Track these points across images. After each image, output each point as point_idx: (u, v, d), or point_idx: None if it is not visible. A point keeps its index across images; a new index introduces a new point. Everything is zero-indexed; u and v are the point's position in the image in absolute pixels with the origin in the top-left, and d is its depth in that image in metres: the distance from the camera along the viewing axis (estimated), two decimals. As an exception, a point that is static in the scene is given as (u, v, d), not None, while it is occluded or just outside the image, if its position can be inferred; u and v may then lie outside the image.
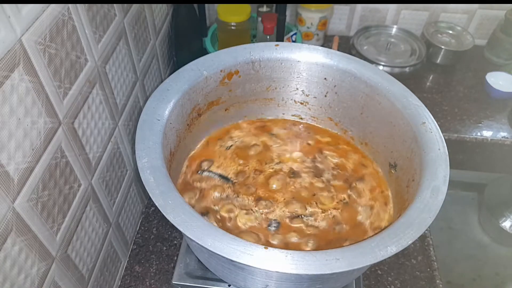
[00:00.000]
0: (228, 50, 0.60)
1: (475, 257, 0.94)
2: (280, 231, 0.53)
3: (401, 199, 0.52)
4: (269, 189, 0.57)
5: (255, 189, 0.57)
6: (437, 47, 1.02)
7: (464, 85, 1.01)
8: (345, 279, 0.52)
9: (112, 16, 0.55)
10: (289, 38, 0.94)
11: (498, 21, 1.03)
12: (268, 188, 0.58)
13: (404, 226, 0.42)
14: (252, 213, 0.54)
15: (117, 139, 0.60)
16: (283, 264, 0.38)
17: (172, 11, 0.83)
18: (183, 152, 0.58)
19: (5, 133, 0.35)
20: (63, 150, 0.45)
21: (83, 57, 0.48)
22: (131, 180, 0.68)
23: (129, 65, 0.63)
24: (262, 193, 0.57)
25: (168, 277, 0.66)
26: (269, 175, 0.59)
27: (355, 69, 0.59)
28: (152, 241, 0.71)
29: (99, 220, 0.56)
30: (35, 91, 0.39)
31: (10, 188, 0.36)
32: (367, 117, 0.61)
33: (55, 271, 0.46)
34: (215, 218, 0.54)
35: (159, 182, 0.43)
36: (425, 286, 0.66)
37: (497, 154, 0.91)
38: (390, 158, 0.58)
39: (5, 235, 0.36)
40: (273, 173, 0.60)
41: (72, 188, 0.48)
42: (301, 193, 0.57)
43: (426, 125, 0.52)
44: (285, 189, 0.58)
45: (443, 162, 0.48)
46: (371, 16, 1.09)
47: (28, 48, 0.37)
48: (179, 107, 0.54)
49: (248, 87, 0.63)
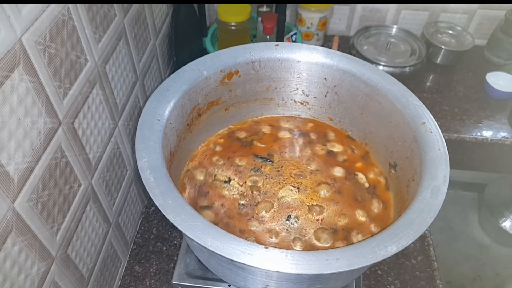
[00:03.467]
0: (228, 50, 0.60)
1: (475, 257, 0.94)
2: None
3: (401, 199, 0.52)
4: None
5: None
6: (437, 47, 1.02)
7: (464, 85, 1.01)
8: (345, 279, 0.52)
9: (112, 16, 0.55)
10: (289, 38, 0.94)
11: (498, 21, 1.03)
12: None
13: (404, 226, 0.42)
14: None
15: (117, 139, 0.60)
16: (283, 264, 0.38)
17: (172, 11, 0.83)
18: (183, 152, 0.58)
19: (5, 133, 0.35)
20: (63, 150, 0.45)
21: (83, 57, 0.48)
22: (131, 180, 0.68)
23: (129, 65, 0.63)
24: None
25: (168, 277, 0.66)
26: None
27: (355, 69, 0.59)
28: (152, 241, 0.71)
29: (99, 220, 0.56)
30: (35, 91, 0.39)
31: (10, 188, 0.36)
32: (367, 117, 0.61)
33: (55, 271, 0.46)
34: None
35: (159, 182, 0.43)
36: (425, 286, 0.66)
37: (497, 154, 0.91)
38: (390, 158, 0.58)
39: (5, 235, 0.36)
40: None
41: (72, 188, 0.48)
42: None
43: (426, 125, 0.52)
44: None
45: (443, 162, 0.48)
46: (371, 16, 1.10)
47: (28, 48, 0.37)
48: (179, 107, 0.54)
49: (248, 87, 0.63)
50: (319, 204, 0.56)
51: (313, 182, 0.58)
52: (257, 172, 0.59)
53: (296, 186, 0.58)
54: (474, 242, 0.97)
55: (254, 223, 0.53)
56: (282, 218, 0.54)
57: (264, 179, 0.58)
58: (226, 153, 0.62)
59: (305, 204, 0.56)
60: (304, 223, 0.54)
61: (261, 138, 0.65)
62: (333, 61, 0.60)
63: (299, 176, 0.59)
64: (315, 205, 0.55)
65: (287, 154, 0.62)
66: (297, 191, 0.57)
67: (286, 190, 0.57)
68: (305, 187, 0.58)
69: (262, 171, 0.60)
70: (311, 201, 0.56)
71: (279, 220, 0.54)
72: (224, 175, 0.59)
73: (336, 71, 0.60)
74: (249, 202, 0.56)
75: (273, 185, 0.58)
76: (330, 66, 0.60)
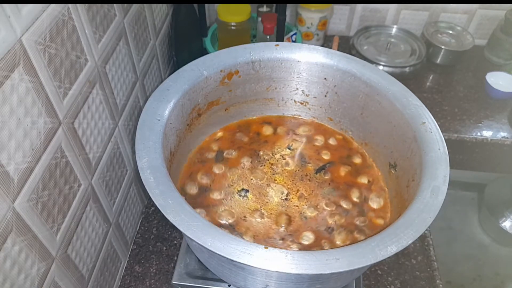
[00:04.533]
0: (228, 50, 0.60)
1: (475, 257, 0.94)
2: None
3: (401, 199, 0.52)
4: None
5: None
6: (437, 47, 1.02)
7: (464, 85, 1.01)
8: (345, 279, 0.52)
9: (112, 16, 0.55)
10: (289, 38, 0.94)
11: (498, 21, 1.03)
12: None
13: (404, 226, 0.42)
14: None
15: (117, 139, 0.60)
16: (283, 264, 0.38)
17: (172, 11, 0.84)
18: (183, 152, 0.58)
19: (5, 133, 0.35)
20: (63, 150, 0.45)
21: (83, 57, 0.48)
22: (131, 180, 0.68)
23: (129, 65, 0.63)
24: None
25: (168, 277, 0.66)
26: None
27: (355, 69, 0.59)
28: (152, 241, 0.71)
29: (99, 220, 0.56)
30: (35, 91, 0.39)
31: (10, 188, 0.36)
32: (367, 117, 0.61)
33: (55, 271, 0.46)
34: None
35: (159, 182, 0.43)
36: (425, 286, 0.66)
37: (497, 154, 0.91)
38: (390, 158, 0.58)
39: (5, 235, 0.36)
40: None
41: (72, 188, 0.48)
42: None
43: (426, 125, 0.52)
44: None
45: (443, 162, 0.48)
46: (371, 16, 1.10)
47: (28, 48, 0.37)
48: (179, 107, 0.54)
49: (248, 87, 0.63)
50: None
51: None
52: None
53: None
54: (474, 242, 0.97)
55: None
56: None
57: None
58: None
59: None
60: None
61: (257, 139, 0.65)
62: (333, 61, 0.60)
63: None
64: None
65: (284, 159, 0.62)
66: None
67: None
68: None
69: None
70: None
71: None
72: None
73: (336, 71, 0.60)
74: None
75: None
76: (330, 66, 0.60)
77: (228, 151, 0.62)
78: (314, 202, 0.56)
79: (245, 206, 0.55)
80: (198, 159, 0.61)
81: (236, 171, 0.60)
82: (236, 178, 0.59)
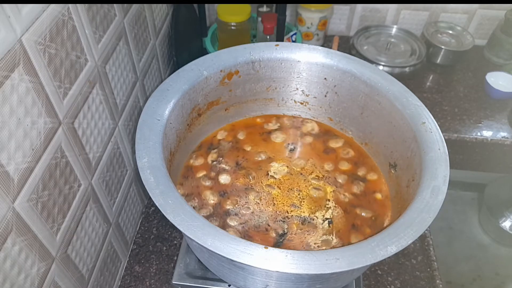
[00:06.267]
0: (228, 50, 0.60)
1: (475, 257, 0.94)
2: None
3: (401, 199, 0.53)
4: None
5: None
6: (437, 47, 1.02)
7: (464, 85, 1.01)
8: (345, 279, 0.52)
9: (112, 16, 0.55)
10: (289, 38, 0.94)
11: (498, 21, 1.03)
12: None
13: (404, 226, 0.42)
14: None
15: (117, 139, 0.60)
16: (283, 264, 0.38)
17: (172, 11, 0.84)
18: (183, 152, 0.58)
19: (5, 133, 0.35)
20: (63, 150, 0.45)
21: (83, 57, 0.48)
22: (131, 180, 0.68)
23: (129, 65, 0.63)
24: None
25: (168, 277, 0.66)
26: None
27: (355, 69, 0.59)
28: (152, 241, 0.71)
29: (99, 220, 0.57)
30: (35, 91, 0.39)
31: (10, 188, 0.36)
32: (367, 117, 0.61)
33: (55, 271, 0.46)
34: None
35: (159, 182, 0.43)
36: (425, 286, 0.66)
37: (497, 154, 0.91)
38: (390, 158, 0.58)
39: (5, 235, 0.36)
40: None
41: (72, 188, 0.48)
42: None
43: (426, 125, 0.52)
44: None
45: (443, 162, 0.48)
46: (371, 16, 1.10)
47: (28, 48, 0.37)
48: (179, 107, 0.54)
49: (248, 87, 0.63)
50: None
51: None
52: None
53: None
54: (474, 242, 0.97)
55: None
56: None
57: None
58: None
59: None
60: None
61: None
62: (333, 61, 0.60)
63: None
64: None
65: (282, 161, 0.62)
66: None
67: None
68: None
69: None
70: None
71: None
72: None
73: (336, 71, 0.60)
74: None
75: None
76: (330, 66, 0.60)
77: (228, 151, 0.62)
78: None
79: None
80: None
81: (236, 171, 0.60)
82: (236, 178, 0.59)
